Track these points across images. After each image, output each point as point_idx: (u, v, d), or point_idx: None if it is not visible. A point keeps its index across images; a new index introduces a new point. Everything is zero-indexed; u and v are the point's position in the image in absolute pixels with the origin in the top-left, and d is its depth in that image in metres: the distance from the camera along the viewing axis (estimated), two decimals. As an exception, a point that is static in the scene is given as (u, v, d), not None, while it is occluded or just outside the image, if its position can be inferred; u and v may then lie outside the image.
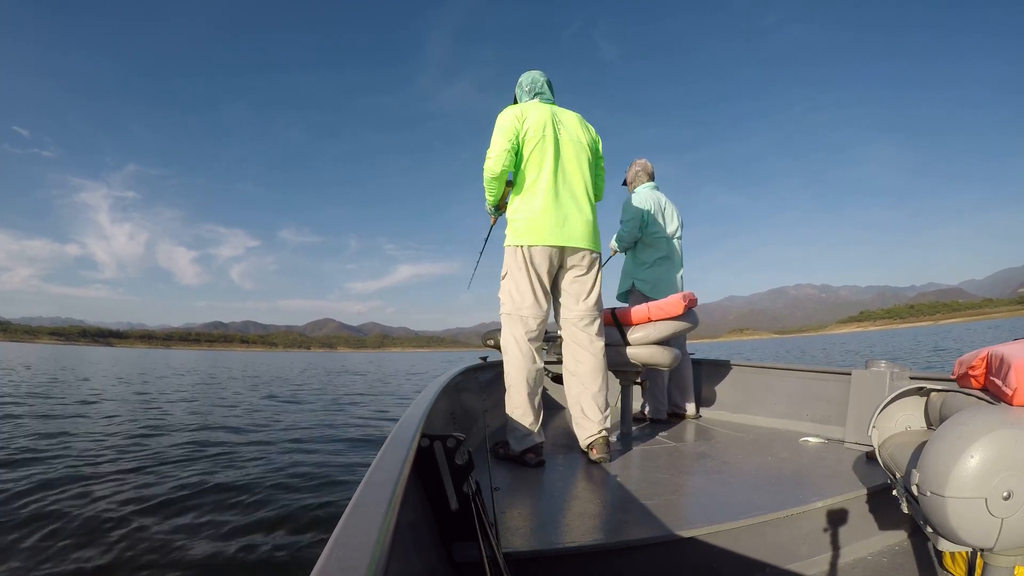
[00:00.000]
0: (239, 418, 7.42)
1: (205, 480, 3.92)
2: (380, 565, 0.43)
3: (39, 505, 3.23)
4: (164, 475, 4.07)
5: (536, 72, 2.29)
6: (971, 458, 0.81)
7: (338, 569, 0.41)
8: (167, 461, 4.55)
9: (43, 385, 12.02)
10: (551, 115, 2.12)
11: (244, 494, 3.54)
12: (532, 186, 2.07)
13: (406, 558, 0.75)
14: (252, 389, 12.57)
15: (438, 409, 1.63)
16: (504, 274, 2.13)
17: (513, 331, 2.09)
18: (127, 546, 2.66)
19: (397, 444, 0.86)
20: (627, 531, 1.28)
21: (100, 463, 4.38)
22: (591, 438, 2.05)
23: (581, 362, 2.13)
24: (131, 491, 3.60)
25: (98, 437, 5.58)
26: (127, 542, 2.71)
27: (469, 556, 1.05)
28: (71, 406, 8.24)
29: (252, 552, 2.62)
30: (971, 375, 1.12)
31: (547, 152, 2.06)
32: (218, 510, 3.22)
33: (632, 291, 3.13)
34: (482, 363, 3.17)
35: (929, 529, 0.89)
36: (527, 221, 2.05)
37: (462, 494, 1.05)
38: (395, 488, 0.62)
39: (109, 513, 3.12)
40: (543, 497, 1.61)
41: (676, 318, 2.40)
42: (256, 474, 4.11)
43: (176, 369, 21.41)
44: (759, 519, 1.35)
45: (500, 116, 2.11)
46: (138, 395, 10.53)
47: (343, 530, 0.49)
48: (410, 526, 0.84)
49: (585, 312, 2.14)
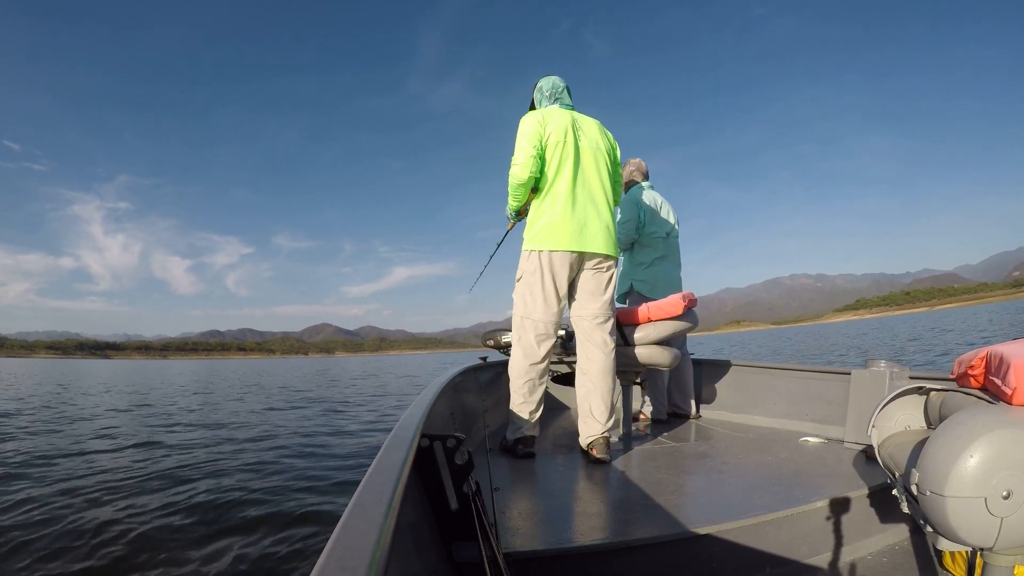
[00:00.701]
0: (240, 425, 7.42)
1: (205, 481, 3.92)
2: (380, 565, 0.43)
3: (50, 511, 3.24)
4: (165, 479, 4.07)
5: (556, 78, 2.31)
6: (971, 457, 0.81)
7: (338, 569, 0.41)
8: (169, 468, 4.55)
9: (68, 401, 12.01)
10: (571, 121, 2.16)
11: (244, 494, 3.54)
12: (552, 191, 2.10)
13: (406, 558, 0.75)
14: (264, 397, 12.57)
15: (438, 409, 1.63)
16: (519, 277, 2.17)
17: (523, 333, 2.15)
18: (127, 546, 2.66)
19: (397, 444, 0.86)
20: (627, 531, 1.28)
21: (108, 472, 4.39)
22: (592, 437, 2.06)
23: (593, 360, 2.16)
24: (137, 496, 3.60)
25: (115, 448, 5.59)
26: (127, 542, 2.71)
27: (469, 556, 1.05)
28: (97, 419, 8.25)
29: (252, 552, 2.62)
30: (970, 374, 1.12)
31: (567, 158, 2.10)
32: (218, 509, 3.23)
33: (631, 292, 3.13)
34: (482, 363, 3.17)
35: (929, 528, 0.89)
36: (546, 226, 2.08)
37: (462, 494, 1.05)
38: (395, 488, 0.62)
39: (106, 516, 3.12)
40: (543, 497, 1.61)
41: (676, 318, 2.40)
42: (256, 475, 4.12)
43: (178, 383, 21.30)
44: (759, 519, 1.35)
45: (523, 122, 2.14)
46: (144, 406, 10.55)
47: (343, 530, 0.49)
48: (410, 526, 0.84)
49: (599, 311, 2.17)
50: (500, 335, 3.07)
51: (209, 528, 2.93)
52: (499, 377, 3.10)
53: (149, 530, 2.88)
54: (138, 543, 2.71)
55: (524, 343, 2.14)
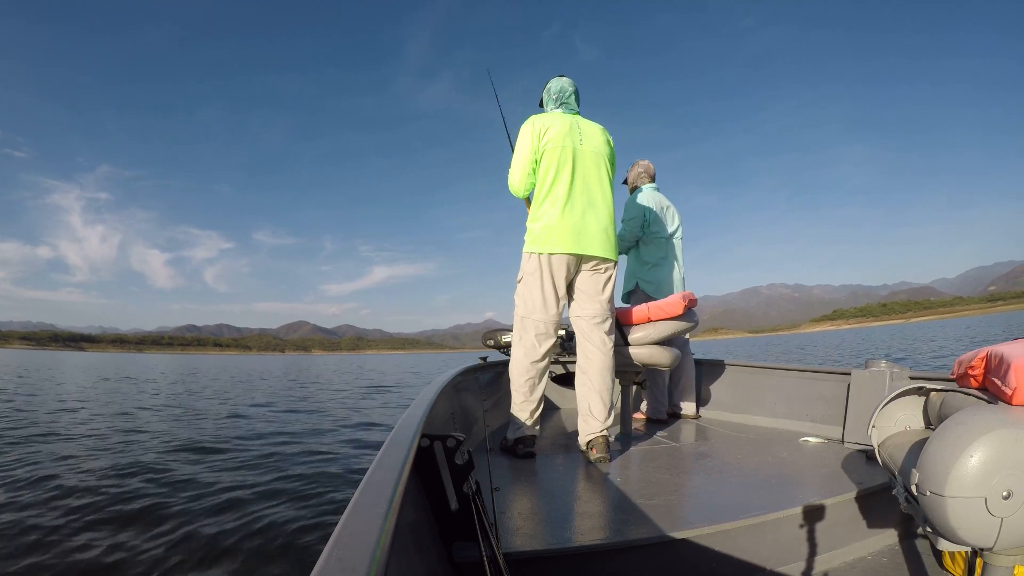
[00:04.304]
0: (227, 424, 7.40)
1: (203, 482, 3.92)
2: (380, 565, 0.43)
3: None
4: (161, 479, 4.07)
5: (565, 81, 2.31)
6: (971, 458, 0.81)
7: (338, 569, 0.41)
8: (164, 467, 4.55)
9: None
10: (572, 126, 2.18)
11: (243, 495, 3.53)
12: (551, 195, 2.12)
13: (406, 558, 0.75)
14: (245, 393, 12.50)
15: (438, 409, 1.63)
16: (520, 278, 2.20)
17: (524, 332, 2.17)
18: (126, 548, 2.66)
19: (397, 444, 0.86)
20: (627, 531, 1.28)
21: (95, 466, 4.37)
22: (591, 436, 2.07)
23: (592, 360, 2.17)
24: (131, 493, 3.60)
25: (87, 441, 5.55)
26: (125, 544, 2.71)
27: (469, 556, 1.05)
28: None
29: (253, 552, 2.62)
30: (970, 375, 1.12)
31: (566, 162, 2.12)
32: (217, 510, 3.22)
33: (636, 291, 3.15)
34: (482, 363, 3.17)
35: (929, 529, 0.89)
36: (545, 229, 2.10)
37: (462, 494, 1.05)
38: (395, 488, 0.63)
39: (104, 515, 3.12)
40: (543, 497, 1.61)
41: (676, 318, 2.41)
42: (255, 475, 4.11)
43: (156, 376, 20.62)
44: (759, 519, 1.35)
45: (522, 130, 2.19)
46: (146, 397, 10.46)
47: (343, 530, 0.49)
48: (410, 526, 0.84)
49: (598, 311, 2.19)
50: (500, 335, 3.08)
51: (206, 527, 2.93)
52: (499, 377, 3.10)
53: (143, 529, 2.87)
54: (130, 543, 2.70)
55: (525, 342, 2.16)
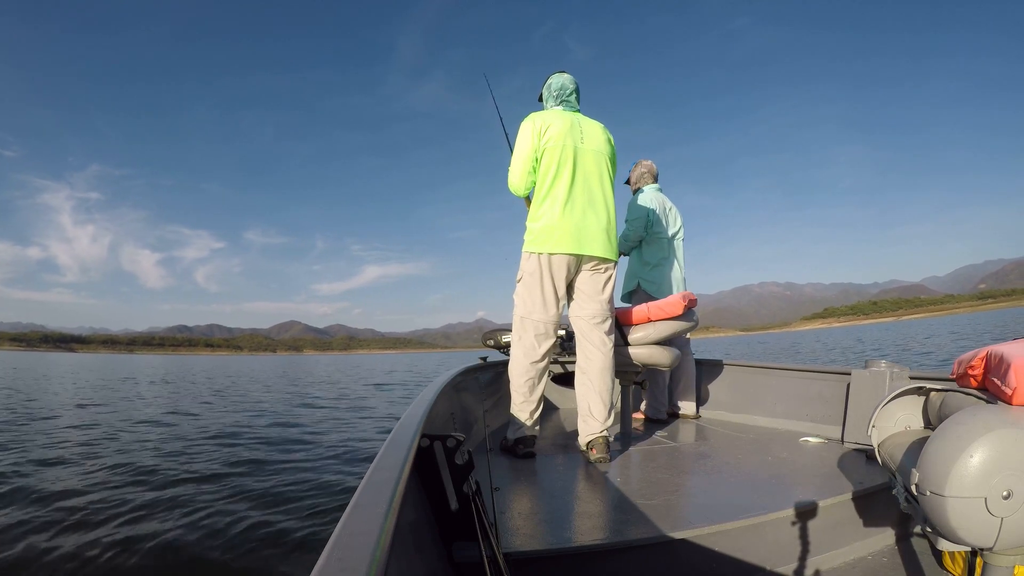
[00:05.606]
0: (228, 422, 7.41)
1: (202, 482, 3.92)
2: (380, 565, 0.43)
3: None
4: (159, 476, 4.07)
5: (566, 77, 2.28)
6: (971, 457, 0.81)
7: (338, 569, 0.41)
8: (162, 465, 4.55)
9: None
10: (573, 124, 2.15)
11: (243, 495, 3.53)
12: (551, 194, 2.10)
13: (406, 558, 0.75)
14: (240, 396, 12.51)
15: (438, 409, 1.63)
16: (519, 278, 2.19)
17: (523, 332, 2.16)
18: (125, 548, 2.66)
19: (397, 444, 0.86)
20: (627, 531, 1.28)
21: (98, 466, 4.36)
22: (591, 436, 2.07)
23: (591, 360, 2.17)
24: (126, 491, 3.60)
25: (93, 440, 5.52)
26: (125, 544, 2.71)
27: (469, 556, 1.05)
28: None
29: (253, 552, 2.62)
30: (970, 374, 1.12)
31: (566, 161, 2.10)
32: (217, 510, 3.22)
33: (637, 291, 3.15)
34: (482, 363, 3.17)
35: (929, 529, 0.89)
36: (544, 228, 2.09)
37: (462, 494, 1.05)
38: (395, 488, 0.63)
39: (102, 512, 3.12)
40: (543, 497, 1.61)
41: (676, 318, 2.40)
42: (254, 476, 4.11)
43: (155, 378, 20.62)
44: (759, 519, 1.35)
45: (522, 127, 2.16)
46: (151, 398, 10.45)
47: (343, 530, 0.49)
48: (410, 526, 0.84)
49: (597, 311, 2.18)
50: (500, 335, 3.08)
51: (206, 527, 2.93)
52: (499, 377, 3.10)
53: (143, 529, 2.87)
54: (127, 542, 2.70)
55: (524, 342, 2.15)
